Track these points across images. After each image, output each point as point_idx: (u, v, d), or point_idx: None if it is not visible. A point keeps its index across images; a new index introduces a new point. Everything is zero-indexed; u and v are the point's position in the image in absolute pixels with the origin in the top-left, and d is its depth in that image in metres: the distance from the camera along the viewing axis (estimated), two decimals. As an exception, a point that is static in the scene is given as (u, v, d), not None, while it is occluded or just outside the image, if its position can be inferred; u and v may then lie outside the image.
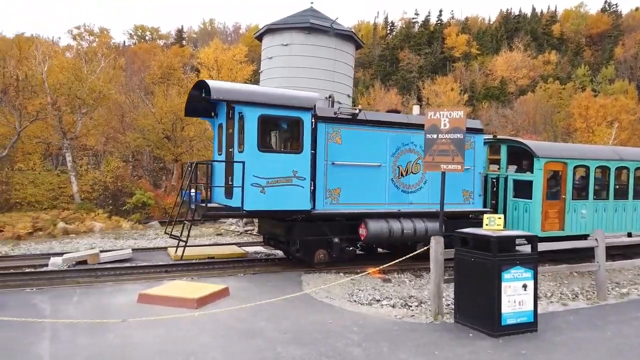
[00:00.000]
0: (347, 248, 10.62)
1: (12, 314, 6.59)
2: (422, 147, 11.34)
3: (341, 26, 19.93)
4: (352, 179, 10.51)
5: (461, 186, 11.72)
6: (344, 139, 10.45)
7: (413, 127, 11.26)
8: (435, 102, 51.41)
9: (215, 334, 6.18)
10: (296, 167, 9.73)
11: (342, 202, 10.43)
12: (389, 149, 10.98)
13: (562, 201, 12.09)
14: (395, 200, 11.04)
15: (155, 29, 73.45)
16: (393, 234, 10.51)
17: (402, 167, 11.14)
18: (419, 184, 11.37)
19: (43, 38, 33.76)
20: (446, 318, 7.21)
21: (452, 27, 77.38)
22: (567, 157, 12.19)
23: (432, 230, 10.79)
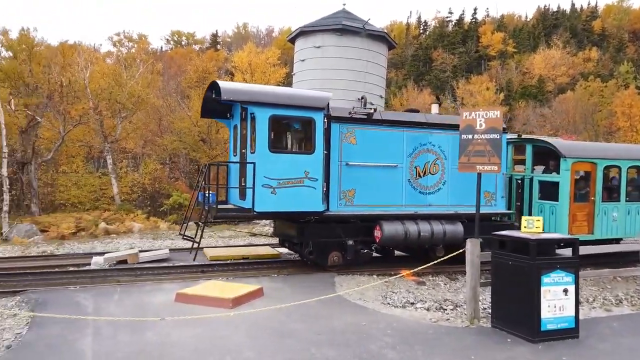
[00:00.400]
0: (361, 251, 10.44)
1: (57, 311, 6.88)
2: (441, 147, 11.10)
3: (373, 27, 19.85)
4: (367, 180, 10.35)
5: (483, 187, 11.25)
6: (359, 139, 10.30)
7: (431, 127, 11.02)
8: (470, 101, 50.46)
9: (250, 334, 6.27)
10: (308, 167, 9.59)
11: (356, 203, 10.27)
12: (406, 149, 10.76)
13: (591, 203, 11.57)
14: (412, 202, 10.79)
15: (191, 34, 75.03)
16: (409, 236, 10.27)
17: (419, 167, 10.89)
18: (438, 185, 11.08)
19: (85, 45, 35.06)
20: (483, 322, 7.06)
21: (487, 25, 75.78)
22: (597, 157, 11.64)
23: (450, 232, 10.60)
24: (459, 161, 8.25)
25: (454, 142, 10.99)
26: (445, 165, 11.10)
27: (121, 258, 11.10)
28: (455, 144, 11.03)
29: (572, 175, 11.28)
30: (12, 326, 6.52)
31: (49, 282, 9.12)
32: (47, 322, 6.45)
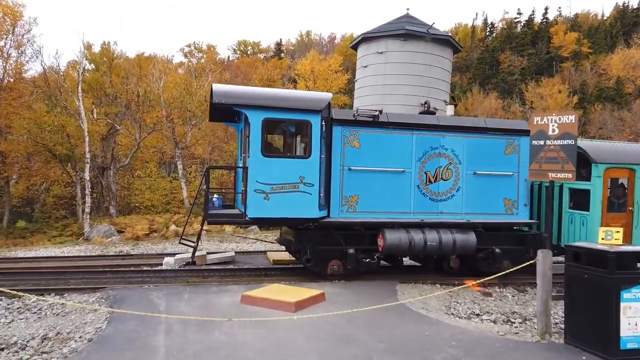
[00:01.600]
0: (363, 260, 9.96)
1: (133, 307, 7.32)
2: (455, 151, 10.40)
3: (438, 31, 19.52)
4: (371, 185, 9.90)
5: (502, 194, 10.61)
6: (363, 143, 9.89)
7: (444, 129, 10.40)
8: (540, 105, 48.17)
9: (312, 338, 6.34)
10: (303, 172, 9.20)
11: (359, 210, 9.87)
12: (415, 153, 10.19)
13: (629, 214, 10.52)
14: (422, 210, 10.22)
15: (257, 43, 77.20)
16: (414, 245, 9.73)
17: (430, 173, 10.28)
18: (451, 192, 10.40)
19: (160, 57, 37.16)
20: (554, 338, 6.71)
21: (560, 25, 72.03)
22: (636, 163, 10.53)
23: (461, 242, 9.98)
24: (530, 168, 7.91)
25: (470, 146, 10.47)
26: (459, 171, 10.44)
27: (190, 259, 11.60)
28: (471, 148, 10.52)
29: (605, 182, 10.29)
30: (93, 320, 7.01)
31: (125, 280, 9.72)
32: (123, 317, 6.87)
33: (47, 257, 13.75)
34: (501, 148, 10.61)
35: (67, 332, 6.58)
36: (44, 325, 7.07)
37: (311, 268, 9.98)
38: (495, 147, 10.59)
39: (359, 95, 20.00)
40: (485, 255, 10.48)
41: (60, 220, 28.11)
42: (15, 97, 26.94)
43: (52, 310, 7.94)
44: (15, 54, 28.73)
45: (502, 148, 10.61)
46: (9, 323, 7.44)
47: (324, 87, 34.83)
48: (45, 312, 7.90)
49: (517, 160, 10.68)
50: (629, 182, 10.64)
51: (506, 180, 10.55)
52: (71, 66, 33.32)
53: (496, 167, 10.55)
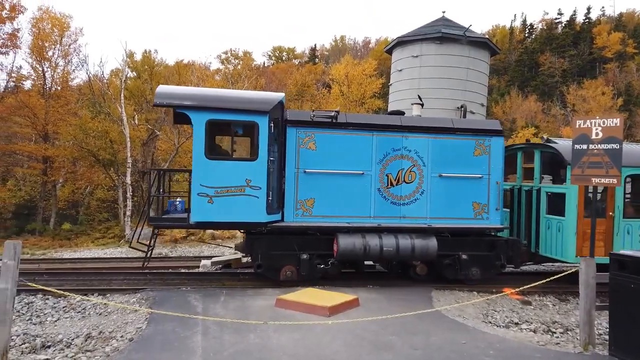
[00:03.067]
0: (318, 266, 9.60)
1: (171, 309, 7.51)
2: (419, 153, 9.99)
3: (474, 33, 19.22)
4: (329, 188, 9.58)
5: (471, 198, 10.09)
6: (319, 145, 9.57)
7: (407, 130, 9.95)
8: (583, 108, 46.57)
9: (347, 343, 6.33)
10: (250, 175, 8.91)
11: (316, 214, 9.54)
12: (376, 155, 9.80)
13: (609, 220, 9.93)
14: (383, 214, 9.83)
15: (291, 49, 78.03)
16: (369, 251, 9.33)
17: (392, 175, 9.86)
18: (414, 195, 9.97)
19: (197, 63, 38.09)
20: (598, 349, 6.46)
21: (603, 25, 69.50)
22: None
23: (420, 248, 9.50)
24: (572, 173, 7.66)
25: (435, 147, 10.03)
26: (424, 173, 10.01)
27: (226, 262, 11.81)
28: (436, 149, 10.03)
29: (581, 185, 9.72)
30: (133, 320, 7.22)
31: (164, 282, 9.98)
32: (162, 318, 7.05)
33: (91, 259, 14.29)
34: (470, 149, 10.13)
35: (109, 332, 6.81)
36: (88, 324, 7.35)
37: (262, 274, 9.69)
38: (463, 148, 10.12)
39: (393, 99, 19.90)
40: (452, 262, 10.07)
41: (103, 222, 29.19)
42: (62, 105, 28.26)
43: (95, 310, 8.24)
44: (63, 63, 30.12)
45: (470, 149, 10.13)
46: (55, 321, 7.76)
47: (358, 92, 34.83)
48: (88, 312, 8.21)
49: (487, 162, 10.16)
50: (609, 185, 10.01)
51: (475, 183, 10.06)
52: (114, 74, 34.65)
53: (464, 169, 10.07)
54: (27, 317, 7.95)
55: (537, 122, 50.37)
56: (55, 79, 29.83)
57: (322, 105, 34.38)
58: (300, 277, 9.55)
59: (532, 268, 12.69)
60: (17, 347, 6.31)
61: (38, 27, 29.32)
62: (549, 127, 47.79)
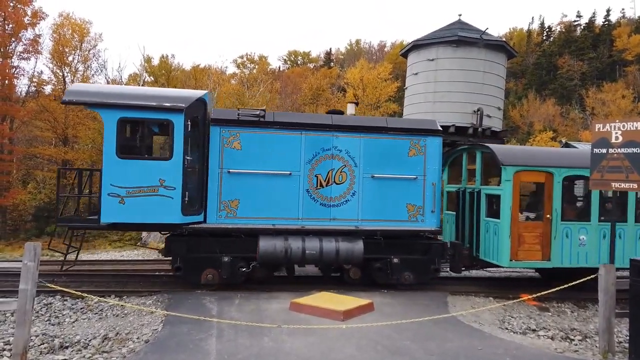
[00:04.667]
0: (241, 269, 9.31)
1: (186, 311, 7.56)
2: (350, 153, 9.72)
3: (491, 36, 19.06)
4: (254, 189, 9.34)
5: (405, 199, 9.79)
6: (245, 144, 9.33)
7: (337, 129, 9.68)
8: (602, 111, 45.84)
9: (361, 348, 6.30)
10: (164, 175, 8.64)
11: (240, 215, 9.30)
12: (304, 155, 9.53)
13: (547, 223, 9.61)
14: (311, 215, 9.54)
15: (307, 53, 78.28)
16: (291, 254, 9.12)
17: (321, 176, 9.57)
18: (345, 196, 9.66)
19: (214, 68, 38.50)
20: (618, 357, 6.33)
21: (623, 28, 68.31)
22: (553, 165, 9.63)
23: (345, 251, 9.24)
24: (591, 177, 7.54)
25: (368, 147, 9.76)
26: (355, 174, 9.71)
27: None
28: (369, 149, 9.76)
29: (516, 187, 9.50)
30: (149, 322, 7.30)
31: (180, 284, 10.03)
32: (178, 321, 7.11)
33: (108, 261, 14.47)
34: (404, 149, 9.85)
35: (125, 333, 6.89)
36: (105, 325, 7.44)
37: (181, 277, 9.42)
38: (397, 148, 9.84)
39: (409, 102, 19.81)
40: (383, 266, 9.77)
41: (120, 225, 29.52)
42: (82, 109, 28.74)
43: (112, 312, 8.35)
44: (82, 68, 30.69)
45: (405, 149, 9.85)
46: (73, 322, 7.88)
47: (374, 95, 34.79)
48: (106, 313, 8.31)
49: (422, 163, 9.88)
50: (546, 187, 9.71)
51: (410, 184, 9.78)
52: (132, 79, 35.15)
53: (398, 170, 9.79)
54: (46, 317, 8.09)
55: (556, 125, 49.71)
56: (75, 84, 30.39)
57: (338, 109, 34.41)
58: (222, 281, 9.31)
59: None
60: (36, 347, 6.42)
61: (59, 32, 29.97)
62: (568, 131, 47.13)
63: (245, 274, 9.45)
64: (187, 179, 8.90)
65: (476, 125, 17.74)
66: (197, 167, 9.23)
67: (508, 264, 9.58)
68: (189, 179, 9.00)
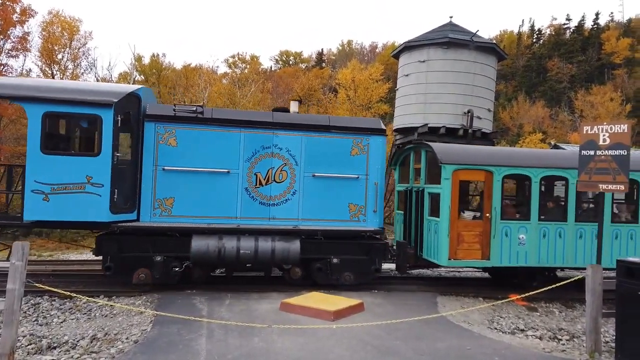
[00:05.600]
0: (174, 269, 9.13)
1: (176, 311, 7.53)
2: (291, 151, 9.64)
3: (482, 38, 19.20)
4: (191, 187, 9.20)
5: (347, 199, 9.73)
6: (181, 141, 9.18)
7: (278, 127, 9.58)
8: (591, 114, 46.37)
9: (351, 348, 6.31)
10: (91, 172, 8.40)
11: (175, 214, 9.16)
12: (244, 153, 9.42)
13: (486, 221, 9.58)
14: (250, 214, 9.44)
15: (298, 53, 78.18)
16: (224, 254, 8.95)
17: (261, 174, 9.49)
18: (285, 195, 9.60)
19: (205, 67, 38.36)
20: (605, 357, 6.41)
21: (612, 31, 69.12)
22: (493, 164, 9.62)
23: (281, 251, 9.12)
24: (579, 179, 7.62)
25: (309, 146, 9.70)
26: (296, 173, 9.65)
27: (231, 266, 11.77)
28: (310, 148, 9.70)
29: (455, 185, 9.48)
30: (139, 322, 7.25)
31: (170, 284, 9.96)
32: (167, 321, 7.08)
33: (97, 261, 14.31)
34: (346, 148, 9.79)
35: (114, 333, 6.84)
36: (93, 325, 7.39)
37: (111, 277, 9.14)
38: (340, 147, 9.78)
39: (400, 104, 19.90)
40: (323, 266, 9.65)
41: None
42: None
43: (101, 312, 8.28)
44: (72, 66, 30.43)
45: (347, 148, 9.79)
46: (61, 322, 7.81)
47: (365, 96, 34.86)
48: (94, 313, 8.25)
49: (365, 162, 9.83)
50: (486, 185, 9.68)
51: (352, 183, 9.72)
52: (122, 77, 34.91)
53: (340, 169, 9.74)
54: (34, 318, 8.01)
55: (545, 127, 50.17)
56: (64, 82, 30.13)
57: (329, 110, 34.41)
58: (155, 281, 9.14)
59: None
60: (23, 347, 6.35)
61: (48, 30, 29.68)
62: (557, 133, 47.58)
63: (180, 274, 9.25)
64: (117, 176, 8.67)
65: (466, 126, 17.87)
66: (130, 164, 9.03)
67: (447, 262, 9.55)
68: (120, 176, 8.79)
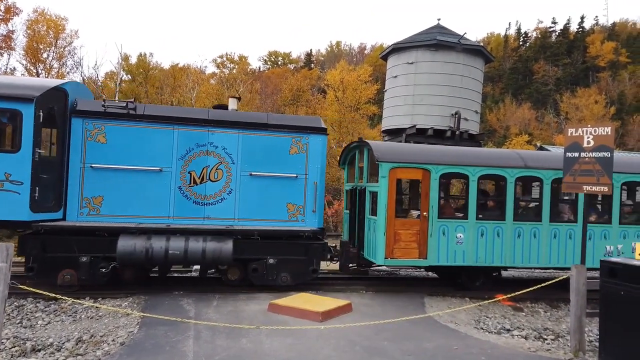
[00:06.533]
0: (102, 270, 8.83)
1: (163, 312, 7.48)
2: (227, 150, 9.41)
3: (469, 41, 19.38)
4: (121, 186, 8.96)
5: (285, 199, 9.59)
6: (111, 138, 8.92)
7: (214, 125, 9.39)
8: (576, 116, 47.02)
9: (339, 349, 6.33)
10: (10, 169, 8.11)
11: (104, 213, 8.90)
12: (177, 151, 9.23)
13: (424, 220, 9.53)
14: (184, 214, 9.26)
15: (287, 54, 78.13)
16: (152, 254, 8.67)
17: (195, 173, 9.30)
18: (220, 195, 9.41)
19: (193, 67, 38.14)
20: (588, 356, 6.50)
21: (596, 35, 70.26)
22: (431, 162, 9.54)
23: (212, 252, 8.86)
24: (564, 180, 7.72)
25: (246, 144, 9.52)
26: (232, 171, 9.47)
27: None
28: (247, 146, 9.52)
29: (392, 183, 9.40)
30: (125, 325, 7.19)
31: (156, 285, 9.90)
32: (154, 322, 7.03)
33: (83, 262, 14.13)
34: (285, 147, 9.65)
35: (100, 335, 6.77)
36: (79, 327, 7.30)
37: (33, 278, 8.74)
38: (278, 146, 9.63)
39: (388, 105, 20.00)
40: (259, 267, 9.45)
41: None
42: None
43: (87, 314, 8.18)
44: (57, 65, 30.06)
45: (286, 147, 9.65)
46: (46, 325, 7.70)
47: (353, 97, 34.94)
48: (80, 315, 8.15)
49: (304, 161, 9.68)
50: (423, 183, 9.64)
51: (290, 183, 9.59)
52: (109, 77, 34.59)
53: (278, 168, 9.59)
54: (18, 320, 7.89)
55: (531, 129, 50.77)
56: (49, 81, 29.77)
57: (317, 111, 34.41)
58: (81, 282, 8.85)
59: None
60: (7, 350, 6.26)
61: (33, 29, 29.27)
62: (543, 135, 48.17)
63: (109, 275, 8.96)
64: (39, 173, 8.41)
65: (454, 128, 18.02)
66: (55, 161, 8.80)
67: (383, 261, 9.47)
68: (43, 173, 8.52)
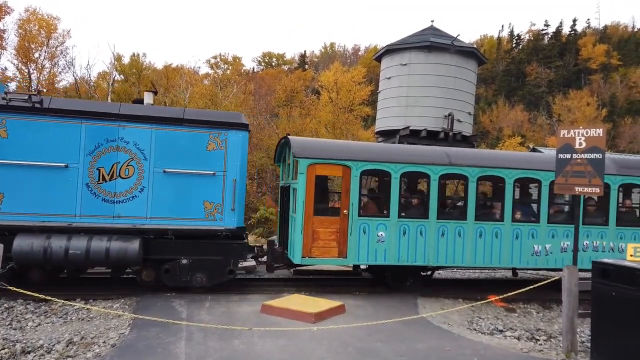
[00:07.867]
0: None
1: (155, 314, 7.43)
2: (139, 145, 9.11)
3: (462, 43, 19.44)
4: (22, 182, 8.60)
5: (202, 196, 9.27)
6: (12, 132, 8.59)
7: (125, 119, 9.05)
8: (568, 118, 47.35)
9: (332, 350, 6.31)
10: None
11: (5, 211, 8.53)
12: (85, 146, 8.85)
13: (344, 218, 9.29)
14: (92, 212, 8.88)
15: (281, 55, 78.05)
16: (51, 254, 8.35)
17: (104, 169, 8.94)
18: (131, 192, 9.05)
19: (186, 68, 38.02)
20: (580, 356, 6.53)
21: (588, 37, 70.79)
22: (351, 159, 9.33)
23: (116, 252, 8.56)
24: (556, 182, 7.75)
25: (160, 140, 9.20)
26: (144, 168, 9.13)
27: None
28: (161, 142, 9.20)
29: (310, 180, 9.18)
30: (117, 326, 7.13)
31: (148, 286, 9.82)
32: (146, 324, 6.97)
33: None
34: (202, 143, 9.31)
35: (91, 337, 6.71)
36: (70, 329, 7.23)
37: None
38: (194, 142, 9.29)
39: (382, 106, 20.01)
40: (172, 267, 9.21)
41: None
42: None
43: (78, 315, 8.11)
44: (49, 65, 29.85)
45: (203, 143, 9.32)
46: (36, 327, 7.62)
47: (347, 98, 34.97)
48: (70, 317, 8.07)
49: (223, 158, 9.38)
50: (344, 180, 9.40)
51: (208, 180, 9.26)
52: (101, 77, 34.38)
53: (194, 165, 9.26)
54: (7, 322, 7.79)
55: (524, 131, 51.04)
56: (41, 81, 29.54)
57: (311, 112, 34.41)
58: None
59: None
60: (-4, 352, 6.19)
61: (24, 28, 29.04)
62: (535, 137, 48.45)
63: (6, 275, 8.36)
64: None
65: (447, 129, 18.06)
66: None
67: (300, 260, 9.28)
68: None
